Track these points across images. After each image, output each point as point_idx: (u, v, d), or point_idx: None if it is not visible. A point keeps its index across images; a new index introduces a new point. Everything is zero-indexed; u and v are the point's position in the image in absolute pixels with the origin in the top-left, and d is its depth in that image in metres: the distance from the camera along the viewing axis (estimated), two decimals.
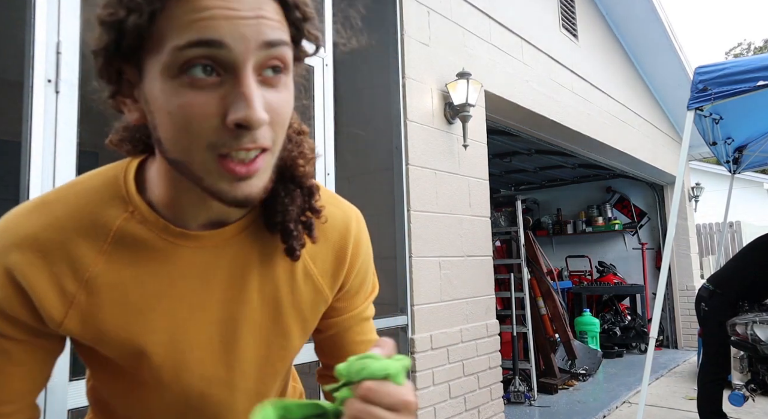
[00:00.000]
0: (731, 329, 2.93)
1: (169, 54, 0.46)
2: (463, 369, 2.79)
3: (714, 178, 10.50)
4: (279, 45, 0.49)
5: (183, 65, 0.47)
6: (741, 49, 25.25)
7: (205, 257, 0.60)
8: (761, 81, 2.42)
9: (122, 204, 0.57)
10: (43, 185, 1.35)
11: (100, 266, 0.56)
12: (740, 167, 4.15)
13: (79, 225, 0.56)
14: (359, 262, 0.72)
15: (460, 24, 3.12)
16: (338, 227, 0.69)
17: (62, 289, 0.55)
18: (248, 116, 0.46)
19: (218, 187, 0.50)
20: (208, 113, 0.47)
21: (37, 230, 0.55)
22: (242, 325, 0.63)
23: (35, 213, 0.56)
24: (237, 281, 0.62)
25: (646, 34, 5.30)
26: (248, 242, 0.62)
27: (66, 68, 1.41)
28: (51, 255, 0.55)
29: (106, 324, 0.57)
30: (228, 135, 0.48)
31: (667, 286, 6.45)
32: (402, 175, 2.60)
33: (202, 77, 0.47)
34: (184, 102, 0.47)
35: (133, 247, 0.57)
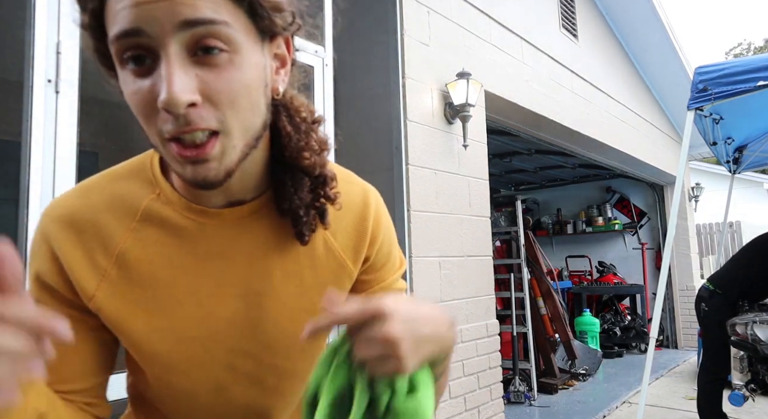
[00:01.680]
0: (731, 329, 2.93)
1: (111, 47, 0.49)
2: (463, 369, 2.79)
3: (714, 178, 10.49)
4: (203, 23, 0.47)
5: (121, 55, 0.49)
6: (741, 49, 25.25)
7: (226, 235, 0.63)
8: (761, 81, 2.42)
9: (149, 186, 0.62)
10: (43, 185, 1.35)
11: (129, 243, 0.60)
12: (740, 167, 4.15)
13: (111, 206, 0.61)
14: (381, 236, 0.73)
15: (460, 24, 3.12)
16: (357, 202, 0.71)
17: (95, 263, 0.60)
18: (165, 96, 0.46)
19: (178, 170, 0.52)
20: (148, 99, 0.48)
21: (73, 210, 0.60)
22: (266, 300, 0.65)
23: (74, 195, 0.62)
24: (259, 257, 0.64)
25: (646, 34, 5.30)
26: (267, 220, 0.64)
27: (66, 68, 1.41)
28: (85, 232, 0.60)
29: (134, 297, 0.61)
30: (165, 120, 0.48)
31: (667, 286, 6.45)
32: (402, 175, 2.60)
33: (136, 67, 0.49)
34: (130, 90, 0.50)
35: (159, 225, 0.61)
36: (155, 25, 0.46)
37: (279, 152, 0.61)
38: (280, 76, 0.59)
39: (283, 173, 0.62)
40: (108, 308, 0.60)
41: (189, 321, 0.62)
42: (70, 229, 0.59)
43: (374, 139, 2.74)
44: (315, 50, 2.19)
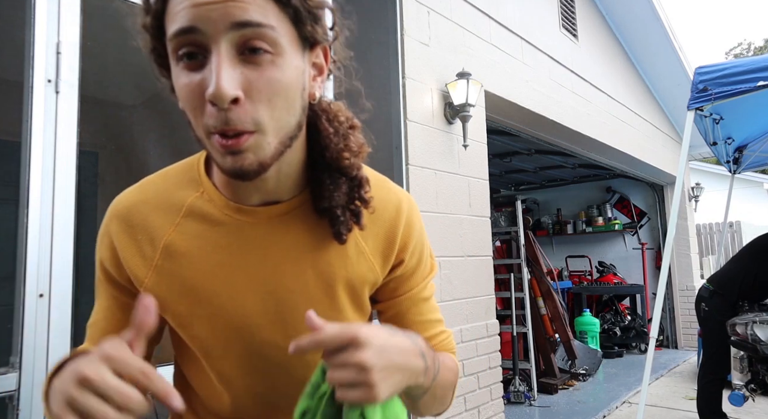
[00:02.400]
0: (731, 329, 2.93)
1: (169, 44, 0.55)
2: (463, 369, 2.79)
3: (714, 178, 10.50)
4: (253, 25, 0.52)
5: (176, 51, 0.54)
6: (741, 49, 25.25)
7: (261, 232, 0.67)
8: (761, 81, 2.42)
9: (195, 185, 0.69)
10: (43, 185, 1.35)
11: (173, 236, 0.67)
12: (740, 167, 4.15)
13: (160, 203, 0.68)
14: (412, 243, 0.75)
15: (460, 24, 3.12)
16: (389, 209, 0.73)
17: (143, 254, 0.67)
18: (213, 89, 0.51)
19: (219, 160, 0.56)
20: (198, 93, 0.53)
21: (128, 205, 0.68)
22: (296, 297, 0.68)
23: (134, 192, 0.70)
24: (291, 255, 0.68)
25: (646, 34, 5.30)
26: (302, 219, 0.68)
27: (66, 68, 1.41)
28: (136, 226, 0.67)
29: (174, 287, 0.67)
30: (211, 114, 0.53)
31: (667, 286, 6.45)
32: (402, 175, 2.59)
33: (188, 62, 0.54)
34: (182, 83, 0.55)
35: (201, 220, 0.67)
36: (209, 24, 0.51)
37: (319, 153, 0.66)
38: (317, 82, 0.64)
39: (322, 172, 0.66)
40: (156, 294, 0.64)
41: (223, 311, 0.67)
42: (125, 223, 0.67)
43: (374, 139, 2.73)
44: None
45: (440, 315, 0.82)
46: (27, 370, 1.28)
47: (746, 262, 3.11)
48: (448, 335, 0.82)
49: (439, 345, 0.79)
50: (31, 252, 1.31)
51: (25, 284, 1.30)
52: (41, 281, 1.32)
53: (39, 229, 1.33)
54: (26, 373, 1.27)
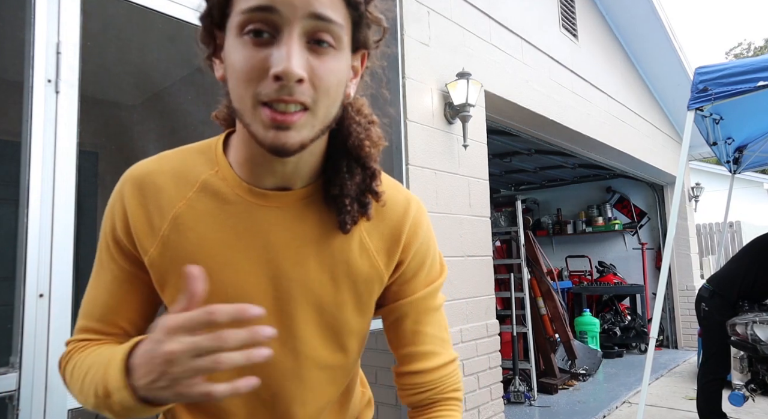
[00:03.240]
0: (731, 329, 2.93)
1: (237, 16, 0.57)
2: (463, 369, 2.79)
3: (714, 178, 10.50)
4: (325, 20, 0.57)
5: (244, 25, 0.56)
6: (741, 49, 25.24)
7: (270, 216, 0.68)
8: (761, 81, 2.42)
9: (210, 163, 0.70)
10: (43, 184, 1.35)
11: (182, 210, 0.67)
12: (740, 167, 4.15)
13: (176, 175, 0.69)
14: (416, 245, 0.76)
15: (460, 24, 3.12)
16: (398, 209, 0.75)
17: (152, 223, 0.67)
18: (284, 67, 0.54)
19: (259, 132, 0.58)
20: (258, 67, 0.56)
21: (144, 173, 0.69)
22: (296, 286, 0.69)
23: (150, 161, 0.71)
24: (296, 244, 0.69)
25: (646, 34, 5.30)
26: (310, 210, 0.69)
27: (66, 68, 1.41)
28: (148, 195, 0.68)
29: (176, 260, 0.66)
30: (270, 87, 0.55)
31: (667, 286, 6.45)
32: (402, 175, 2.60)
33: (254, 38, 0.56)
34: (242, 56, 0.57)
35: (212, 198, 0.68)
36: (289, 8, 0.55)
37: (341, 141, 0.69)
38: (353, 83, 0.68)
39: (340, 159, 0.69)
40: (158, 265, 0.67)
41: (223, 291, 0.67)
42: (138, 189, 0.68)
43: None
44: None
45: (446, 334, 0.79)
46: (27, 370, 1.28)
47: (746, 262, 3.11)
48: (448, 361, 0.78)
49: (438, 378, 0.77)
50: (31, 252, 1.31)
51: (25, 284, 1.30)
52: (41, 281, 1.32)
53: (39, 229, 1.33)
54: (26, 373, 1.27)
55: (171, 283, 0.68)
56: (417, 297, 0.76)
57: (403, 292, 0.76)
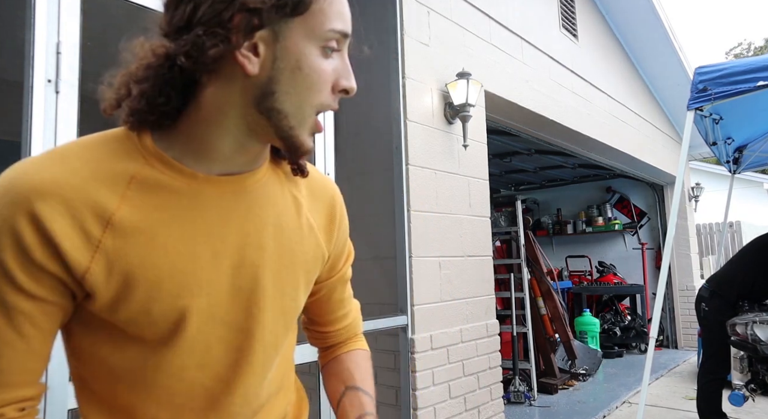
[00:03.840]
0: (731, 329, 2.93)
1: (326, 32, 0.60)
2: (463, 369, 2.79)
3: (714, 178, 10.50)
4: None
5: (327, 42, 0.60)
6: (741, 49, 25.24)
7: (224, 203, 0.64)
8: (761, 81, 2.42)
9: (136, 154, 0.61)
10: None
11: (125, 210, 0.58)
12: (740, 167, 4.15)
13: (96, 173, 0.58)
14: (344, 224, 0.82)
15: (460, 24, 3.12)
16: (327, 188, 0.80)
17: (87, 234, 0.56)
18: (353, 84, 0.63)
19: (302, 139, 0.62)
20: (327, 79, 0.61)
21: (57, 177, 0.56)
22: (261, 271, 0.67)
23: (53, 163, 0.57)
24: (255, 227, 0.67)
25: (646, 34, 5.30)
26: (262, 193, 0.68)
27: (66, 68, 1.41)
28: (73, 201, 0.56)
29: (133, 269, 0.58)
30: (332, 99, 0.63)
31: (667, 286, 6.45)
32: (402, 175, 2.59)
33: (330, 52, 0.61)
34: (316, 65, 0.60)
35: (156, 192, 0.60)
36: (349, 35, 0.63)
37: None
38: None
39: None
40: (103, 281, 0.58)
41: (187, 291, 0.61)
42: (56, 198, 0.55)
43: (374, 139, 2.74)
44: None
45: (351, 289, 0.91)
46: None
47: (745, 262, 3.11)
48: (356, 314, 0.92)
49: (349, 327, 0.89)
50: None
51: None
52: None
53: None
54: None
55: (133, 295, 0.59)
56: (343, 272, 0.85)
57: (335, 268, 0.83)
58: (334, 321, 0.88)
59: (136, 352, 0.63)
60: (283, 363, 0.76)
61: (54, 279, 0.57)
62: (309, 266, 0.74)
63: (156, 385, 0.64)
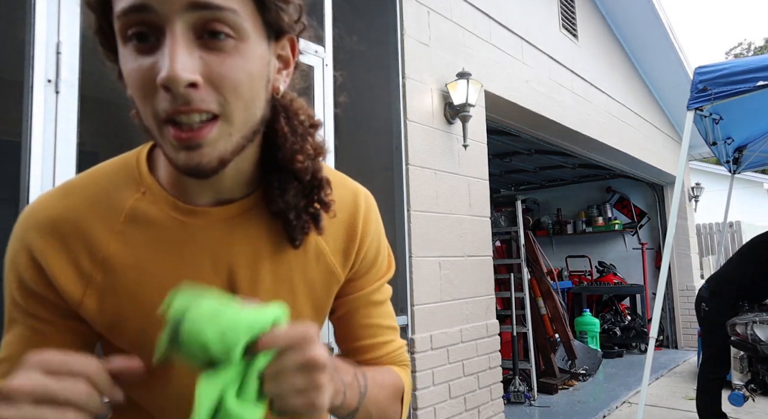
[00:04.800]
0: (731, 329, 2.93)
1: (116, 23, 0.49)
2: (463, 369, 2.79)
3: (714, 178, 10.50)
4: (212, 8, 0.47)
5: (125, 31, 0.48)
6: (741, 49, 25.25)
7: (215, 236, 0.60)
8: (761, 81, 2.42)
9: (135, 185, 0.60)
10: (43, 185, 1.35)
11: (114, 246, 0.58)
12: (740, 167, 4.15)
13: (95, 208, 0.58)
14: (368, 240, 0.71)
15: (460, 24, 3.12)
16: (348, 206, 0.69)
17: (80, 269, 0.58)
18: (167, 73, 0.45)
19: (171, 154, 0.50)
20: (147, 77, 0.48)
21: (55, 214, 0.58)
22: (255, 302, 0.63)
23: (55, 198, 0.59)
24: (249, 260, 0.62)
25: (646, 34, 5.30)
26: (257, 221, 0.62)
27: (66, 68, 1.41)
28: (68, 237, 0.57)
29: (122, 304, 0.58)
30: (164, 99, 0.47)
31: (667, 286, 6.45)
32: (402, 175, 2.60)
33: (139, 43, 0.48)
34: (131, 67, 0.49)
35: (146, 227, 0.59)
36: (164, 2, 0.46)
37: (272, 153, 0.60)
38: (282, 76, 0.59)
39: (272, 174, 0.61)
40: (97, 314, 0.59)
41: None
42: (52, 234, 0.57)
43: (374, 139, 2.74)
44: (315, 50, 2.19)
45: (394, 322, 0.77)
46: None
47: (745, 261, 3.11)
48: (399, 346, 0.77)
49: (386, 357, 0.75)
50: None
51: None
52: None
53: None
54: None
55: (125, 329, 0.59)
56: (367, 292, 0.73)
57: (354, 287, 0.73)
58: (364, 349, 0.74)
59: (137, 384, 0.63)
60: None
61: (57, 306, 0.59)
62: (318, 294, 0.68)
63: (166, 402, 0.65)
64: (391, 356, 0.76)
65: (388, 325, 0.76)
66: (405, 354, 0.78)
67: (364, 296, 0.73)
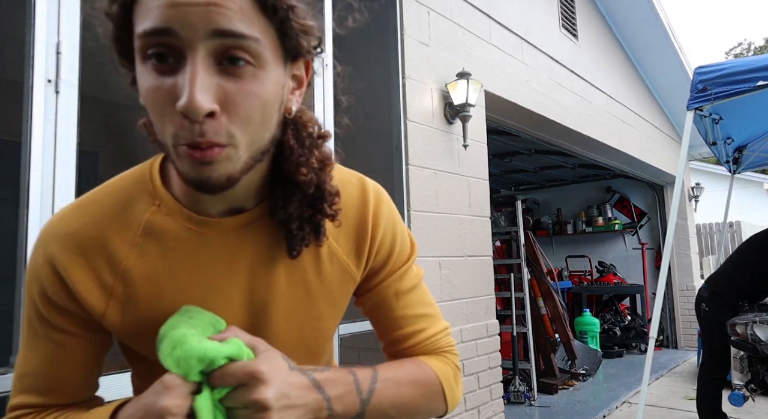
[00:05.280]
0: (731, 329, 2.93)
1: (137, 40, 0.50)
2: (463, 369, 2.79)
3: (714, 178, 10.50)
4: (235, 36, 0.48)
5: (145, 52, 0.49)
6: (741, 49, 25.24)
7: (229, 244, 0.62)
8: (761, 81, 2.42)
9: (150, 198, 0.62)
10: (43, 185, 1.35)
11: (133, 259, 0.60)
12: (740, 167, 4.15)
13: (112, 221, 0.61)
14: (380, 235, 0.70)
15: (460, 24, 3.12)
16: (356, 203, 0.69)
17: (102, 282, 0.60)
18: (185, 104, 0.46)
19: (183, 169, 0.52)
20: (167, 99, 0.49)
21: (75, 229, 0.60)
22: (271, 309, 0.65)
23: (74, 214, 0.61)
24: (263, 266, 0.64)
25: (646, 34, 5.30)
26: (269, 228, 0.64)
27: (66, 68, 1.41)
28: (89, 251, 0.60)
29: (144, 315, 0.61)
30: (182, 126, 0.49)
31: (667, 286, 6.45)
32: (402, 175, 2.60)
33: (158, 64, 0.49)
34: (150, 87, 0.50)
35: (162, 238, 0.61)
36: (188, 28, 0.47)
37: (280, 164, 0.61)
38: (295, 96, 0.60)
39: (277, 185, 0.62)
40: (119, 324, 0.61)
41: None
42: (73, 249, 0.59)
43: (374, 139, 2.74)
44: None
45: (430, 309, 0.77)
46: None
47: (743, 260, 3.11)
48: (432, 334, 0.75)
49: (419, 347, 0.74)
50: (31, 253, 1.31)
51: None
52: None
53: (39, 229, 1.33)
54: None
55: (146, 338, 0.60)
56: (392, 281, 0.73)
57: (374, 282, 0.73)
58: (399, 340, 0.75)
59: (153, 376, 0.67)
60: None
61: (79, 318, 0.61)
62: (334, 295, 0.69)
63: None
64: (424, 345, 0.74)
65: (416, 314, 0.75)
66: (442, 340, 0.76)
67: (384, 289, 0.73)
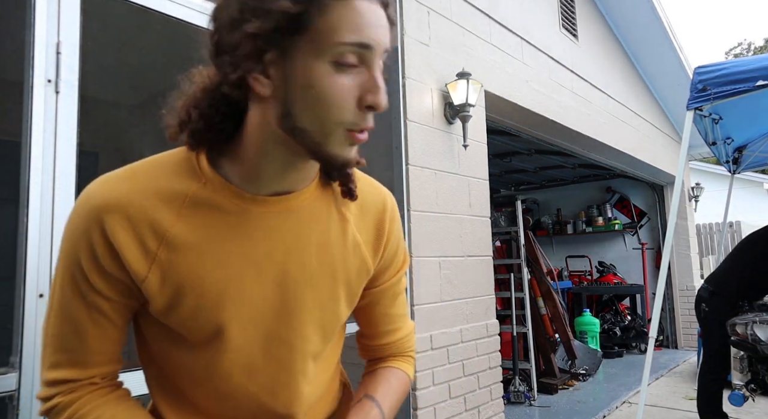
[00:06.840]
0: (731, 329, 2.93)
1: (333, 45, 0.57)
2: (463, 369, 2.79)
3: (714, 178, 10.50)
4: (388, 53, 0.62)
5: (341, 56, 0.58)
6: (741, 49, 25.23)
7: (270, 222, 0.68)
8: (761, 81, 2.42)
9: (195, 176, 0.67)
10: (43, 185, 1.35)
11: (178, 227, 0.65)
12: (740, 167, 4.15)
13: (160, 192, 0.65)
14: (393, 236, 0.82)
15: (460, 24, 3.12)
16: (376, 202, 0.80)
17: (145, 247, 0.64)
18: (379, 100, 0.59)
19: (335, 151, 0.61)
20: (349, 95, 0.59)
21: (125, 196, 0.64)
22: (302, 287, 0.71)
23: (123, 182, 0.65)
24: (299, 245, 0.70)
25: (646, 34, 5.30)
26: (308, 212, 0.71)
27: (66, 68, 1.41)
28: (136, 218, 0.64)
29: (183, 281, 0.65)
30: (359, 116, 0.60)
31: (667, 286, 6.45)
32: (402, 175, 2.59)
33: (342, 66, 0.58)
34: (330, 81, 0.58)
35: (208, 210, 0.66)
36: (379, 45, 0.60)
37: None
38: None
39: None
40: (158, 289, 0.65)
41: (231, 303, 0.67)
42: (122, 215, 0.63)
43: (374, 139, 2.73)
44: None
45: (406, 310, 0.91)
46: (27, 370, 1.28)
47: (742, 259, 3.11)
48: (408, 332, 0.90)
49: (398, 343, 0.88)
50: (31, 252, 1.31)
51: (25, 284, 1.30)
52: (41, 281, 1.32)
53: (39, 229, 1.33)
54: (26, 373, 1.27)
55: (183, 303, 0.66)
56: (390, 284, 0.84)
57: (378, 279, 0.83)
58: (380, 334, 0.88)
59: (187, 351, 0.70)
60: (327, 368, 0.81)
61: (121, 283, 0.65)
62: (352, 282, 0.76)
63: (208, 384, 0.71)
64: (400, 342, 0.89)
65: (402, 313, 0.89)
66: (411, 340, 0.91)
67: (387, 287, 0.84)
